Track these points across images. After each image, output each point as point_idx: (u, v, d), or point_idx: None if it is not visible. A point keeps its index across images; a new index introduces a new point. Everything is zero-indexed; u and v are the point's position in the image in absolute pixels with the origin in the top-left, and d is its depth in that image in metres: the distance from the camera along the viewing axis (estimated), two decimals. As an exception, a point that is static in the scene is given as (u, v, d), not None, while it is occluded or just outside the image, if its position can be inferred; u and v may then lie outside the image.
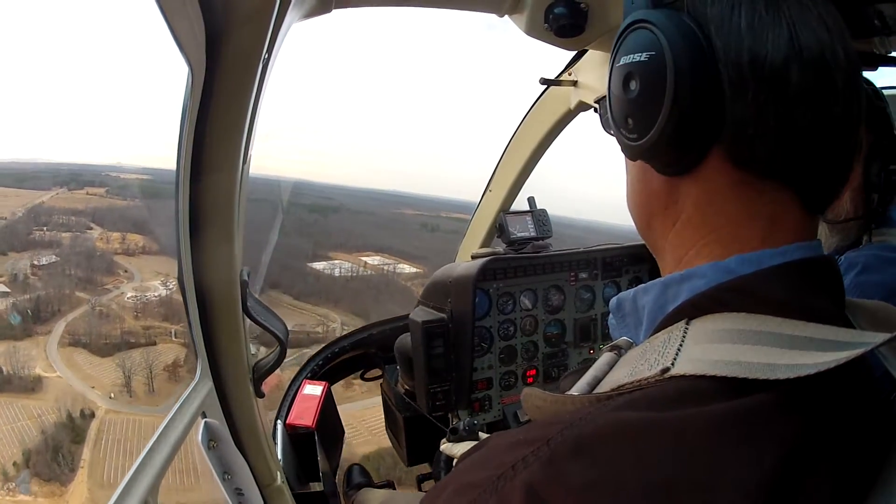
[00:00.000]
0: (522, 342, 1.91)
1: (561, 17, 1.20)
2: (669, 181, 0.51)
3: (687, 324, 0.46)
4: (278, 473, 1.48)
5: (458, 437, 1.18)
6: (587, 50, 1.64)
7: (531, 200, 2.05)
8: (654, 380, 0.43)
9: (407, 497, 1.93)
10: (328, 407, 1.89)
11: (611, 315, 0.59)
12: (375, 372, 2.32)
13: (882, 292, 1.01)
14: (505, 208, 2.32)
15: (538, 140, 2.14)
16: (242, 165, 1.03)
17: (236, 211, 1.06)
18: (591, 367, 0.56)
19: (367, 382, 2.38)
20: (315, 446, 1.75)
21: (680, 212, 0.51)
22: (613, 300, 0.58)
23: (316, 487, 1.79)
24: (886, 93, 1.11)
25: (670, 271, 0.54)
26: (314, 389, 1.88)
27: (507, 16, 1.30)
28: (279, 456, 1.61)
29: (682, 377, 0.41)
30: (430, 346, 1.71)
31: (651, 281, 0.53)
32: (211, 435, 1.18)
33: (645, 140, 0.49)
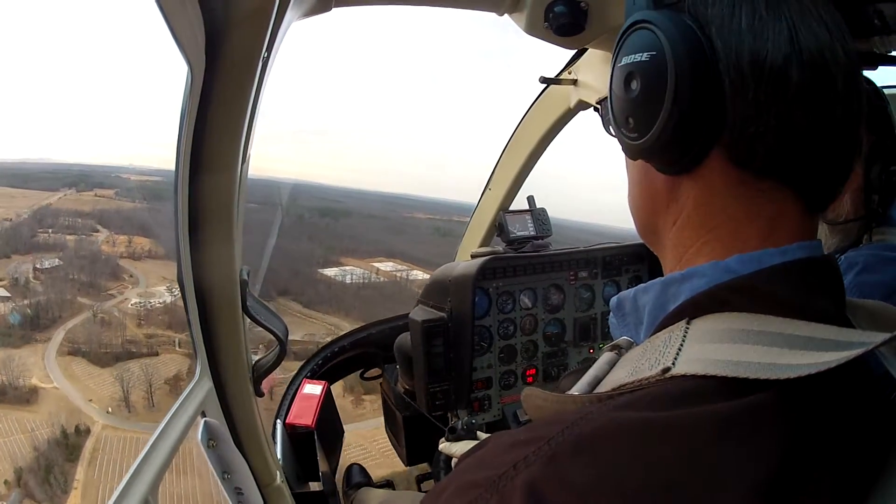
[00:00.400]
0: (522, 341, 1.91)
1: (561, 15, 1.20)
2: (670, 180, 0.51)
3: (687, 323, 0.46)
4: (278, 473, 1.48)
5: (456, 437, 1.18)
6: (587, 49, 1.63)
7: (531, 199, 2.04)
8: (654, 379, 0.43)
9: (407, 496, 1.93)
10: (328, 406, 1.89)
11: (611, 314, 0.59)
12: (375, 371, 2.32)
13: (882, 292, 1.01)
14: (504, 207, 2.32)
15: (538, 139, 2.14)
16: (242, 165, 1.03)
17: (236, 210, 1.06)
18: (591, 366, 0.56)
19: (379, 399, 2.35)
20: (314, 446, 1.76)
21: (680, 211, 0.51)
22: (614, 299, 0.58)
23: (315, 487, 1.79)
24: (887, 92, 1.11)
25: (671, 270, 0.54)
26: (314, 389, 1.88)
27: (506, 14, 1.30)
28: (279, 455, 1.61)
29: (683, 377, 0.42)
30: (429, 346, 1.71)
31: (651, 280, 0.53)
32: (210, 434, 1.18)
33: (645, 139, 0.49)
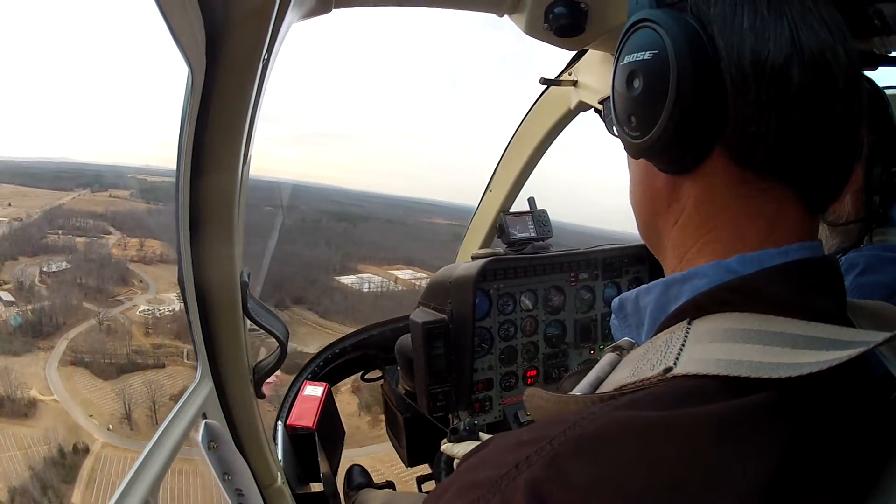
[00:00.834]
0: (523, 343, 1.91)
1: (561, 16, 1.20)
2: (671, 179, 0.51)
3: (689, 323, 0.47)
4: (279, 474, 1.48)
5: (458, 438, 1.18)
6: (587, 50, 1.64)
7: (531, 201, 2.05)
8: (656, 380, 0.43)
9: (407, 497, 1.92)
10: (329, 408, 1.89)
11: (613, 315, 0.59)
12: (376, 373, 2.32)
13: (883, 292, 1.01)
14: (505, 209, 2.32)
15: (538, 140, 2.14)
16: (242, 166, 1.03)
17: (236, 211, 1.06)
18: (593, 367, 0.56)
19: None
20: (315, 447, 1.75)
21: (682, 210, 0.51)
22: (615, 301, 0.58)
23: (316, 488, 1.79)
24: (889, 93, 1.11)
25: (672, 270, 0.54)
26: (315, 390, 1.88)
27: (506, 15, 1.30)
28: (279, 457, 1.61)
29: (685, 377, 0.42)
30: (430, 347, 1.71)
31: (653, 281, 0.53)
32: (211, 436, 1.18)
33: (647, 138, 0.49)
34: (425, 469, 2.17)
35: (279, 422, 1.82)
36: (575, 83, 1.79)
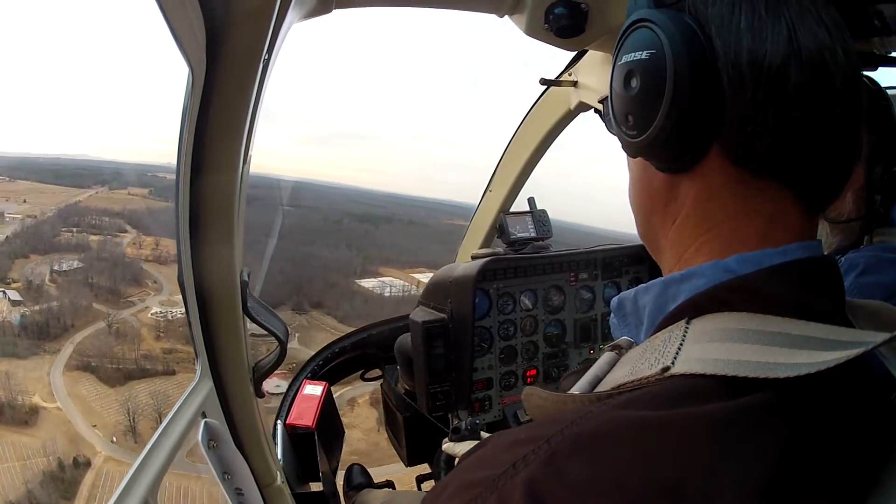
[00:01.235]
0: (522, 342, 1.91)
1: (561, 17, 1.20)
2: (669, 178, 0.52)
3: (687, 323, 0.47)
4: (278, 473, 1.48)
5: (460, 437, 1.18)
6: (587, 50, 1.64)
7: (531, 201, 2.05)
8: (654, 379, 0.43)
9: (407, 497, 1.92)
10: (328, 407, 1.89)
11: (612, 315, 0.59)
12: (375, 372, 2.32)
13: (883, 293, 1.01)
14: (505, 209, 2.32)
15: (538, 141, 2.15)
16: (242, 165, 1.03)
17: (236, 211, 1.06)
18: (591, 366, 0.56)
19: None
20: (315, 446, 1.75)
21: (679, 209, 0.52)
22: (614, 300, 0.58)
23: (316, 488, 1.79)
24: (890, 93, 1.11)
25: (670, 269, 0.54)
26: (314, 390, 1.88)
27: (507, 16, 1.30)
28: (279, 456, 1.61)
29: (683, 376, 0.42)
30: (430, 347, 1.71)
31: (652, 281, 0.53)
32: (211, 435, 1.18)
33: (644, 137, 0.50)
34: (425, 468, 2.18)
35: (279, 421, 1.82)
36: (575, 84, 1.79)
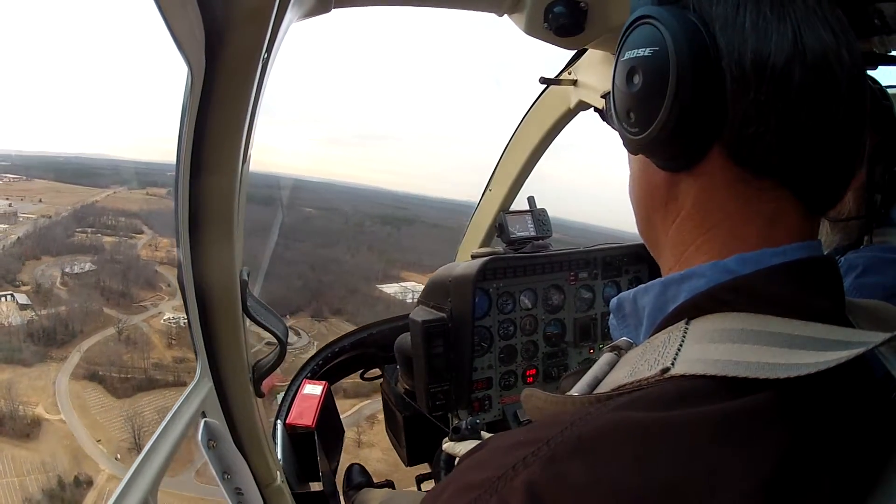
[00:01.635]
0: (522, 342, 1.91)
1: (560, 16, 1.20)
2: (670, 177, 0.51)
3: (687, 324, 0.46)
4: (278, 473, 1.48)
5: (460, 436, 1.18)
6: (587, 49, 1.63)
7: (531, 200, 2.04)
8: (654, 380, 0.43)
9: (407, 496, 1.93)
10: (328, 407, 1.89)
11: (611, 316, 0.59)
12: (375, 372, 2.32)
13: (882, 293, 1.01)
14: (505, 208, 2.32)
15: (538, 139, 2.14)
16: (242, 165, 1.03)
17: (236, 211, 1.06)
18: (591, 367, 0.56)
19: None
20: (315, 446, 1.75)
21: (680, 208, 0.51)
22: (614, 301, 0.58)
23: (316, 487, 1.79)
24: (891, 91, 1.11)
25: (669, 268, 0.54)
26: (314, 389, 1.88)
27: (506, 15, 1.30)
28: (279, 456, 1.61)
29: (682, 377, 0.42)
30: (430, 346, 1.71)
31: (651, 281, 0.53)
32: (211, 435, 1.18)
33: (646, 134, 0.49)
34: (424, 468, 2.18)
35: (279, 421, 1.82)
36: (575, 82, 1.79)
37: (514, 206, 2.33)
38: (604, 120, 1.54)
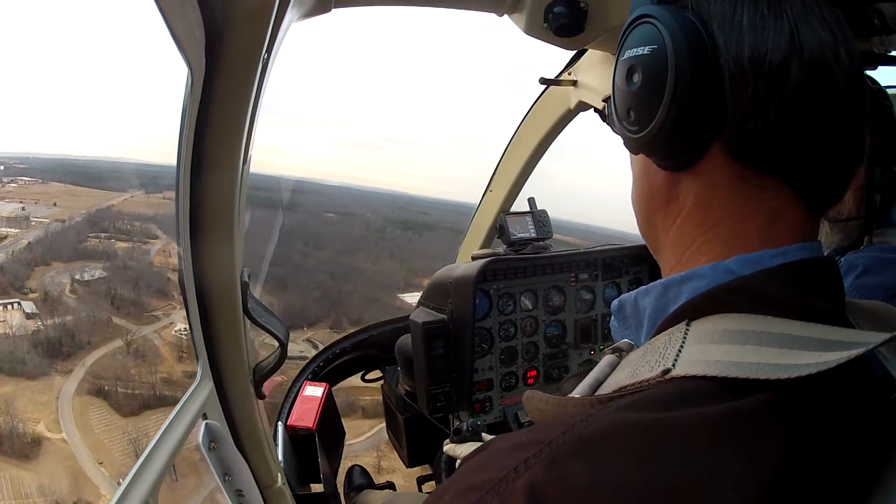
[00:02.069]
0: (523, 343, 1.91)
1: (560, 16, 1.20)
2: (670, 176, 0.51)
3: (687, 325, 0.46)
4: (279, 475, 1.48)
5: (461, 438, 1.18)
6: (587, 49, 1.64)
7: (531, 201, 2.04)
8: (655, 381, 0.43)
9: (408, 498, 1.92)
10: (329, 408, 1.89)
11: (612, 317, 0.59)
12: (376, 373, 2.32)
13: (882, 294, 1.01)
14: (505, 209, 2.32)
15: (538, 140, 2.14)
16: (242, 165, 1.03)
17: (236, 211, 1.06)
18: (592, 369, 0.56)
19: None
20: (316, 448, 1.75)
21: (681, 207, 0.51)
22: (615, 303, 0.58)
23: (317, 489, 1.79)
24: (891, 92, 1.11)
25: (670, 268, 0.54)
26: (315, 391, 1.88)
27: (506, 15, 1.30)
28: (280, 457, 1.61)
29: (683, 378, 0.41)
30: (430, 348, 1.70)
31: (652, 282, 0.53)
32: (211, 436, 1.18)
33: (646, 132, 0.49)
34: (425, 469, 2.17)
35: (279, 422, 1.82)
36: (575, 83, 1.79)
37: (515, 207, 2.33)
38: (604, 120, 1.54)
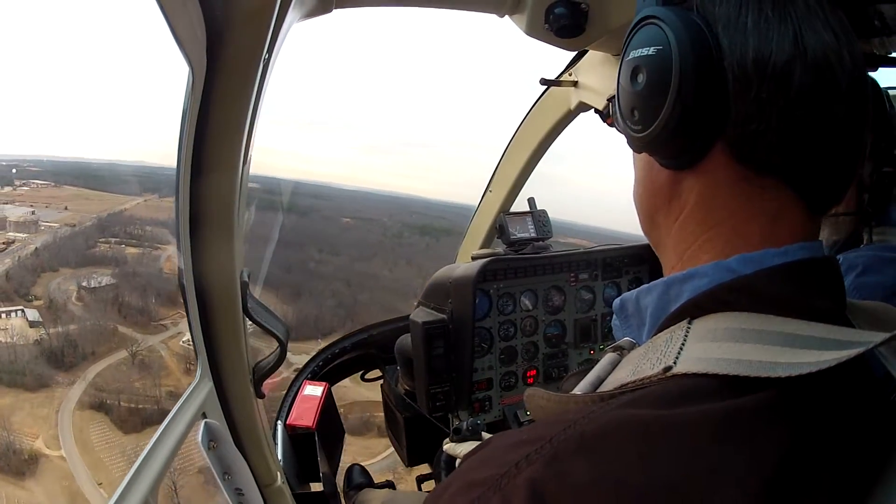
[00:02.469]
0: (523, 343, 1.91)
1: (561, 17, 1.20)
2: (673, 175, 0.52)
3: (689, 323, 0.47)
4: (278, 474, 1.48)
5: (461, 437, 1.18)
6: (588, 50, 1.64)
7: (531, 201, 2.04)
8: (656, 378, 0.43)
9: (407, 497, 1.92)
10: (328, 407, 1.89)
11: (614, 316, 0.59)
12: (376, 372, 2.32)
13: (882, 293, 1.01)
14: (505, 209, 2.32)
15: (538, 141, 2.14)
16: (242, 166, 1.03)
17: (236, 211, 1.06)
18: (594, 367, 0.56)
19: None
20: (315, 447, 1.75)
21: (683, 206, 0.52)
22: (616, 301, 0.58)
23: (316, 488, 1.79)
24: (892, 93, 1.12)
25: (671, 267, 0.54)
26: (314, 390, 1.88)
27: (507, 16, 1.30)
28: (279, 456, 1.61)
29: (685, 375, 0.42)
30: (430, 347, 1.71)
31: (654, 281, 0.53)
32: (211, 435, 1.18)
33: (649, 132, 0.50)
34: (425, 468, 2.17)
35: (279, 421, 1.82)
36: (575, 84, 1.79)
37: (515, 208, 2.33)
38: (604, 121, 1.54)
